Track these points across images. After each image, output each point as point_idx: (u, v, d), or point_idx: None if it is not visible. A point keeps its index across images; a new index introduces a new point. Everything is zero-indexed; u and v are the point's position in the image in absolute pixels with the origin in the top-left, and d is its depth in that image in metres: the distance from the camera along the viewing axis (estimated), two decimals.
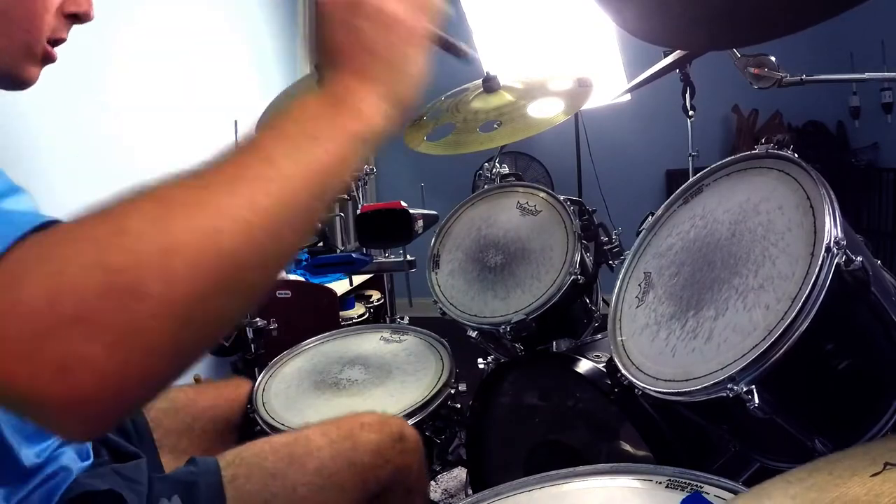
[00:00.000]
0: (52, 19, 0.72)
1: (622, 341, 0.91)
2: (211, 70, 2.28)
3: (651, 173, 3.70)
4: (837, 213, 0.72)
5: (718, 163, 0.94)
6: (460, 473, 1.70)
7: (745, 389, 0.69)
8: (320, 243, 2.62)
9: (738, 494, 0.52)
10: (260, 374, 1.34)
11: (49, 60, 0.75)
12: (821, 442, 0.74)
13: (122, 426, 0.98)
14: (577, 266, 1.20)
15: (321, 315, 2.21)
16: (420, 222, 1.48)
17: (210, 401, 1.13)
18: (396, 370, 1.32)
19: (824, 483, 0.43)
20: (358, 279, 2.51)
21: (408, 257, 1.72)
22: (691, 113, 1.60)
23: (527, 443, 1.26)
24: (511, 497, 0.73)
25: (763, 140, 0.87)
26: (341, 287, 2.37)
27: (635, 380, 0.83)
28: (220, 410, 1.14)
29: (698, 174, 0.97)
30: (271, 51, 2.82)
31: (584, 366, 1.08)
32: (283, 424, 1.14)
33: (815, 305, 0.68)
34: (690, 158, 1.71)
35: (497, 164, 1.60)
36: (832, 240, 0.69)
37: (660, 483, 0.69)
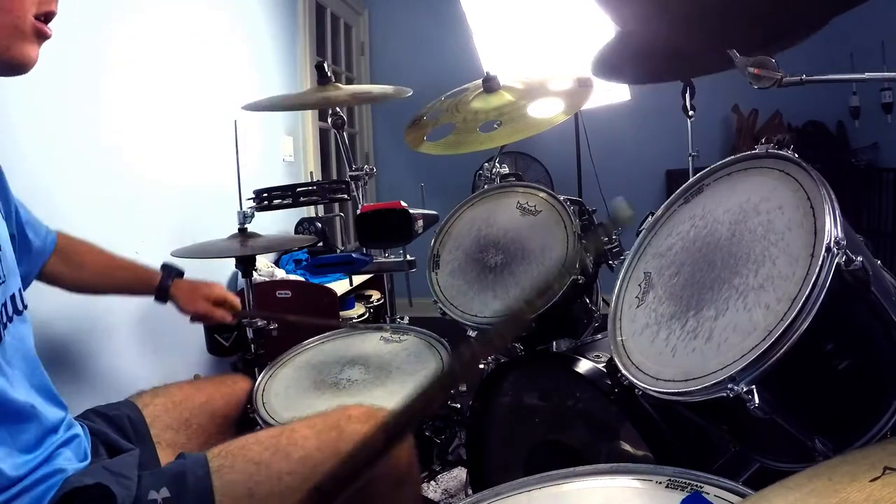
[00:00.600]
0: None
1: (622, 341, 0.91)
2: (211, 70, 2.28)
3: (651, 173, 3.70)
4: (837, 213, 0.72)
5: (718, 163, 0.94)
6: (460, 473, 1.70)
7: (745, 389, 0.69)
8: (320, 243, 2.62)
9: (739, 503, 0.52)
10: (260, 374, 1.34)
11: (44, 37, 0.74)
12: (821, 442, 0.74)
13: (121, 425, 0.98)
14: (577, 266, 1.20)
15: (321, 315, 2.21)
16: (420, 222, 1.48)
17: (206, 396, 1.13)
18: (396, 370, 1.32)
19: (824, 489, 0.43)
20: (358, 279, 2.51)
21: (408, 257, 1.72)
22: (691, 113, 1.60)
23: (527, 443, 1.26)
24: (511, 497, 0.73)
25: (763, 140, 0.87)
26: (341, 287, 2.37)
27: (635, 380, 0.83)
28: (216, 406, 1.14)
29: (698, 174, 0.97)
30: (271, 51, 2.82)
31: (584, 366, 1.08)
32: (282, 424, 1.14)
33: (816, 305, 0.67)
34: (690, 158, 1.71)
35: (497, 164, 1.60)
36: (832, 240, 0.69)
37: (660, 483, 0.69)
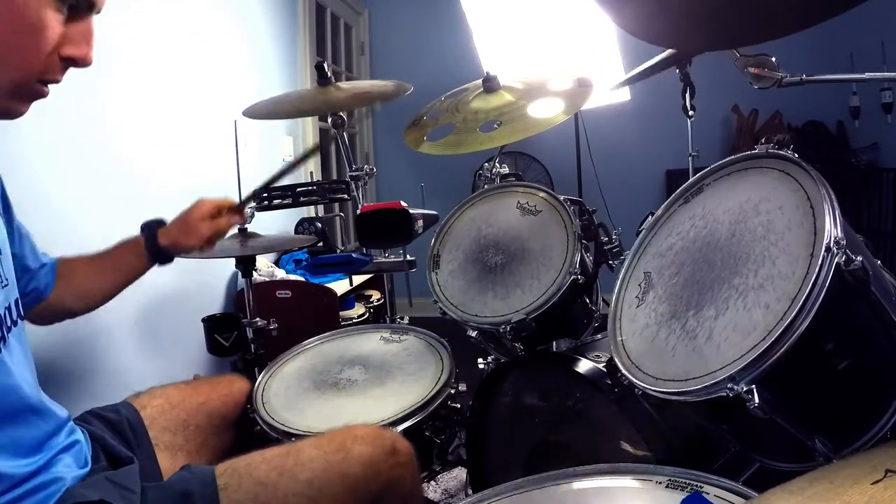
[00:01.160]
0: (48, 59, 0.71)
1: (622, 341, 0.91)
2: (211, 70, 2.28)
3: (651, 173, 3.70)
4: (837, 212, 0.72)
5: (718, 163, 0.94)
6: (460, 473, 1.70)
7: (745, 389, 0.69)
8: (320, 243, 2.62)
9: None
10: (260, 374, 1.34)
11: (39, 97, 0.74)
12: (821, 441, 0.73)
13: (120, 429, 0.98)
14: (577, 266, 1.20)
15: (321, 315, 2.21)
16: (420, 222, 1.48)
17: (204, 397, 1.13)
18: (396, 370, 1.31)
19: (825, 492, 0.43)
20: (358, 279, 2.51)
21: (408, 257, 1.72)
22: (691, 113, 1.60)
23: (527, 443, 1.26)
24: (511, 497, 0.73)
25: (763, 140, 0.87)
26: (341, 287, 2.37)
27: (635, 380, 0.83)
28: (214, 407, 1.14)
29: (698, 174, 0.97)
30: (271, 51, 2.82)
31: (584, 366, 1.08)
32: (282, 424, 1.14)
33: (815, 305, 0.67)
34: (690, 158, 1.71)
35: (497, 164, 1.60)
36: (832, 239, 0.69)
37: (660, 483, 0.69)
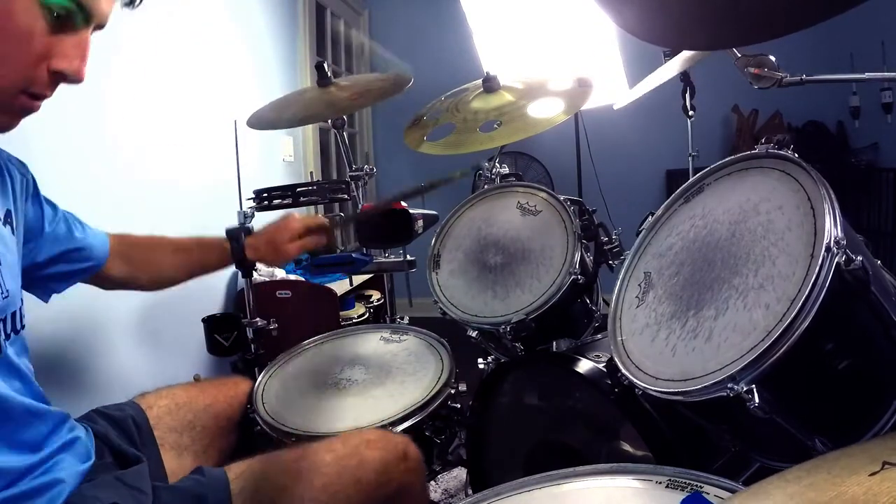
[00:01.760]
0: (34, 72, 0.69)
1: (622, 341, 0.91)
2: (211, 70, 2.28)
3: (651, 173, 3.70)
4: (837, 212, 0.71)
5: (718, 163, 0.94)
6: (460, 473, 1.70)
7: (745, 389, 0.69)
8: None
9: (736, 493, 0.52)
10: (260, 374, 1.34)
11: (27, 111, 0.72)
12: (821, 442, 0.73)
13: (125, 428, 0.98)
14: (577, 266, 1.20)
15: (321, 315, 2.21)
16: (420, 222, 1.48)
17: (210, 398, 1.14)
18: (396, 370, 1.31)
19: (822, 482, 0.43)
20: (358, 279, 2.51)
21: (408, 257, 1.72)
22: (691, 113, 1.60)
23: (527, 443, 1.26)
24: (511, 497, 0.73)
25: (763, 140, 0.87)
26: (341, 287, 2.37)
27: (635, 380, 0.83)
28: (219, 408, 1.14)
29: (698, 174, 0.97)
30: (271, 51, 2.82)
31: (584, 366, 1.08)
32: (282, 424, 1.14)
33: (815, 305, 0.67)
34: (690, 158, 1.72)
35: (497, 164, 1.60)
36: (832, 239, 0.69)
37: (660, 483, 0.69)
